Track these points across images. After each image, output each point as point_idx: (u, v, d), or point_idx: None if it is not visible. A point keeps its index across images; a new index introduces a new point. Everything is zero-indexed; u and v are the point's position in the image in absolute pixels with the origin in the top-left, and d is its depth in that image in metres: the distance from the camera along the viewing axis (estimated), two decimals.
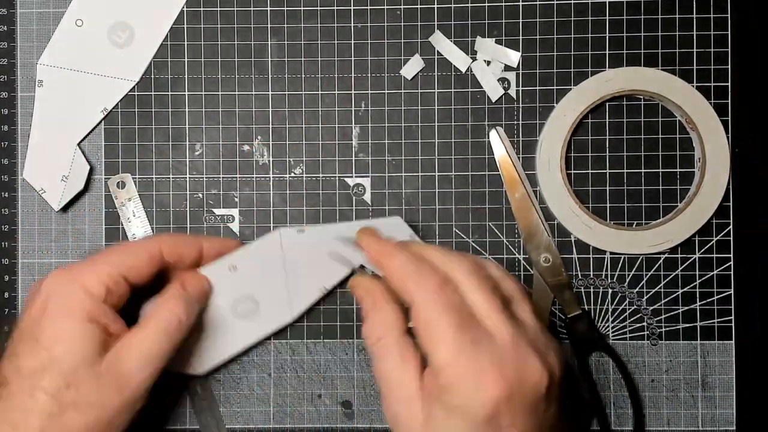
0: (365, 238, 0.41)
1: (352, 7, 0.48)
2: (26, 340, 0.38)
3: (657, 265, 0.48)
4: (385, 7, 0.48)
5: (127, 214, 0.48)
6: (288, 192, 0.48)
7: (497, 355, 0.34)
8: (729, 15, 0.48)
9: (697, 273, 0.48)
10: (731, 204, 0.48)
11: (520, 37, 0.48)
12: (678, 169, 0.48)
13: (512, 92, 0.48)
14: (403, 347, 0.36)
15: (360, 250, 0.42)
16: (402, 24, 0.48)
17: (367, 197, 0.48)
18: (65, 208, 0.48)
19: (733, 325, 0.48)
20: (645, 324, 0.48)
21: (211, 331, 0.45)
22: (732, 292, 0.48)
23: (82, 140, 0.48)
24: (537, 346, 0.35)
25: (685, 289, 0.48)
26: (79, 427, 0.37)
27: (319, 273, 0.46)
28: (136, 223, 0.48)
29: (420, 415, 0.35)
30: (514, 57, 0.48)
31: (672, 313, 0.48)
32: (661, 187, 0.48)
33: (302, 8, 0.48)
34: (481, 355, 0.33)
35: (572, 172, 0.48)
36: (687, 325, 0.48)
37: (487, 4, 0.48)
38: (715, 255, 0.48)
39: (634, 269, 0.48)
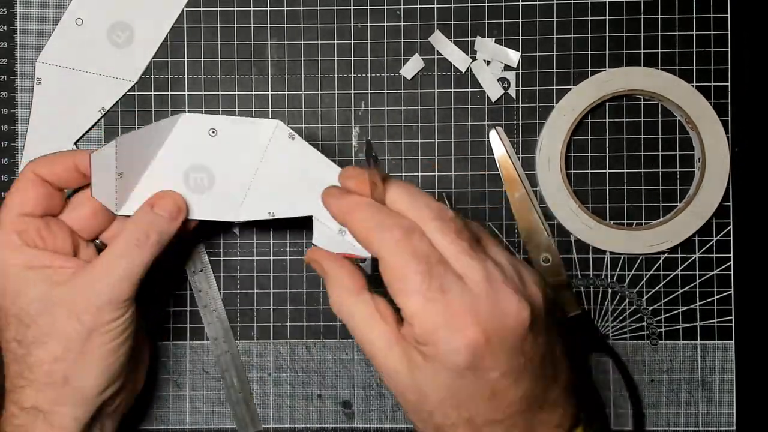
0: (327, 197, 0.38)
1: (351, 7, 0.48)
2: None
3: (657, 265, 0.48)
4: (385, 7, 0.48)
5: None
6: None
7: (468, 298, 0.32)
8: (728, 15, 0.48)
9: (696, 273, 0.48)
10: (731, 204, 0.48)
11: (520, 37, 0.48)
12: (678, 169, 0.48)
13: (512, 92, 0.48)
14: (366, 305, 0.35)
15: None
16: (402, 24, 0.48)
17: None
18: None
19: (733, 325, 0.48)
20: (645, 324, 0.48)
21: (153, 181, 0.41)
22: (732, 292, 0.48)
23: (80, 139, 0.48)
24: (513, 281, 0.33)
25: (685, 289, 0.48)
26: (45, 359, 0.37)
27: (279, 194, 0.41)
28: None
29: (403, 363, 0.34)
30: (513, 57, 0.48)
31: (672, 313, 0.48)
32: (660, 187, 0.48)
33: (302, 8, 0.48)
34: (451, 301, 0.32)
35: (572, 171, 0.48)
36: (687, 325, 0.48)
37: (486, 4, 0.48)
38: (714, 255, 0.48)
39: (634, 269, 0.48)
